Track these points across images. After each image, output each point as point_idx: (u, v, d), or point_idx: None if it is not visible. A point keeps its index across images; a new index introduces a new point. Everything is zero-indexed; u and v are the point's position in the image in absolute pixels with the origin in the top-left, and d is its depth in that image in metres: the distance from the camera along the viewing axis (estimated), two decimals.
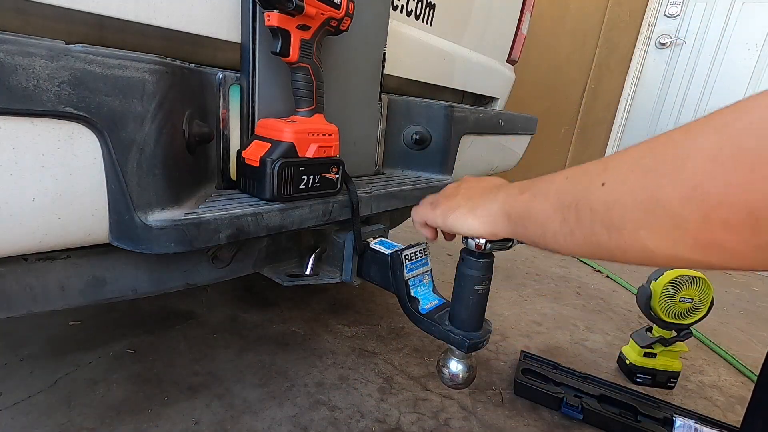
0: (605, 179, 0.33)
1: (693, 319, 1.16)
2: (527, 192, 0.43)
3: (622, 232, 0.32)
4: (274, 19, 0.53)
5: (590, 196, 0.35)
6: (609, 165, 0.34)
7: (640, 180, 0.30)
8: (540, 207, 0.40)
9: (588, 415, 1.04)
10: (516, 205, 0.44)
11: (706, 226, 0.26)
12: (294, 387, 1.06)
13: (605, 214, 0.33)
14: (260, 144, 0.58)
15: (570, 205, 0.36)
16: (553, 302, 1.73)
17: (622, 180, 0.32)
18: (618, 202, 0.32)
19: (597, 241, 0.34)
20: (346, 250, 0.73)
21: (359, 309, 1.49)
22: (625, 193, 0.31)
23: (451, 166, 0.95)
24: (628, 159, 0.33)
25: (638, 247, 0.31)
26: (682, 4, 2.68)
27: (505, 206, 0.46)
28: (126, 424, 0.89)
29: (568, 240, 0.37)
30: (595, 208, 0.34)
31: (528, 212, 0.42)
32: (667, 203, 0.28)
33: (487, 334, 0.59)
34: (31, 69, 0.36)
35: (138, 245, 0.46)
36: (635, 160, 0.32)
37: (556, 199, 0.38)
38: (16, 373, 1.01)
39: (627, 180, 0.32)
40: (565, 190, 0.38)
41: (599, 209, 0.34)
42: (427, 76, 1.00)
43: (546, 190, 0.40)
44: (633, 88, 2.88)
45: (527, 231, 0.43)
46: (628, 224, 0.31)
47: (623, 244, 0.32)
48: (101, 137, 0.42)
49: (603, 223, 0.33)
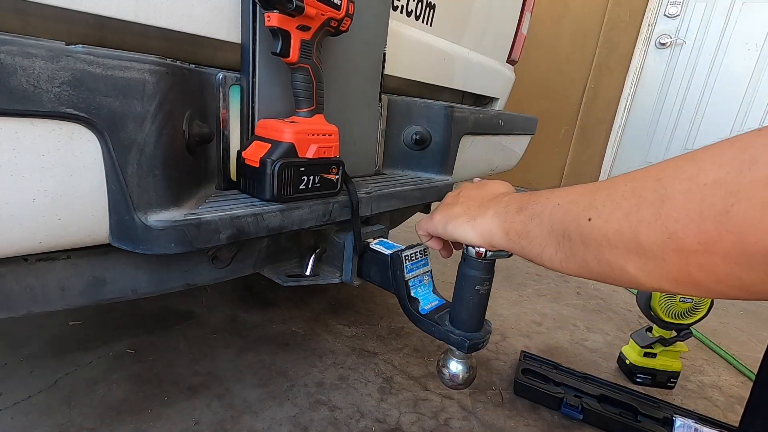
0: (591, 215, 0.35)
1: (693, 319, 1.16)
2: (524, 212, 0.44)
3: (611, 265, 0.34)
4: (274, 19, 0.53)
5: (580, 230, 0.36)
6: (595, 200, 0.36)
7: (623, 222, 0.32)
8: (536, 231, 0.42)
9: (588, 415, 1.04)
10: (514, 224, 0.45)
11: (683, 268, 0.29)
12: (294, 387, 1.06)
13: (595, 248, 0.35)
14: (260, 144, 0.58)
15: (563, 235, 0.38)
16: (553, 302, 1.73)
17: (606, 218, 0.34)
18: (605, 240, 0.34)
19: (590, 269, 0.37)
20: (346, 251, 0.73)
21: (359, 309, 1.49)
22: (610, 232, 0.33)
23: (451, 166, 0.95)
24: (612, 197, 0.34)
25: (628, 279, 0.34)
26: (682, 4, 2.68)
27: (504, 224, 0.47)
28: (126, 424, 0.89)
29: (563, 264, 0.39)
30: (585, 241, 0.36)
31: (525, 233, 0.43)
32: (648, 246, 0.31)
33: (487, 335, 0.59)
34: (32, 70, 0.36)
35: (138, 246, 0.46)
36: (618, 200, 0.34)
37: (550, 226, 0.40)
38: (16, 373, 1.01)
39: (611, 219, 0.34)
40: (556, 219, 0.40)
41: (589, 243, 0.36)
42: (427, 76, 1.00)
43: (541, 214, 0.42)
44: (633, 88, 2.88)
45: (524, 250, 0.44)
46: (615, 259, 0.34)
47: (614, 274, 0.35)
48: (101, 138, 0.42)
49: (594, 256, 0.36)
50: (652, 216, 0.30)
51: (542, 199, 0.43)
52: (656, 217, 0.30)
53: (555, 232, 0.39)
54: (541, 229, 0.41)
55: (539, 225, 0.42)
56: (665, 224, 0.29)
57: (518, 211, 0.45)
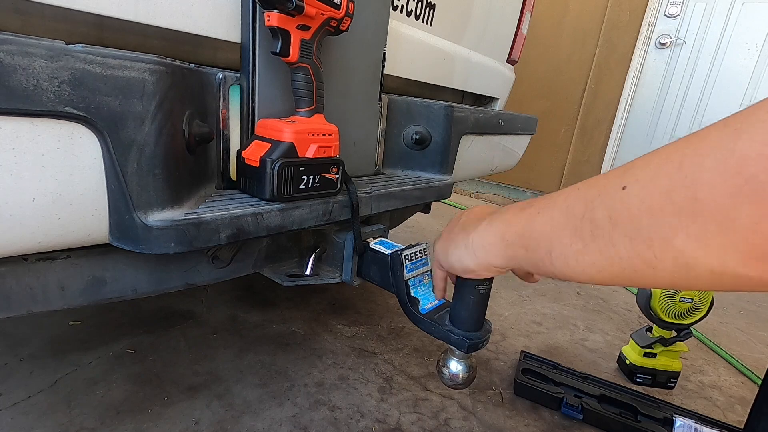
0: (626, 182, 0.28)
1: (693, 319, 1.16)
2: (529, 208, 0.38)
3: (651, 241, 0.26)
4: (274, 19, 0.53)
5: (609, 202, 0.29)
6: (632, 166, 0.29)
7: (674, 177, 0.25)
8: (544, 221, 0.35)
9: (588, 415, 1.04)
10: (514, 223, 0.39)
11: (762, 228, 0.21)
12: (294, 387, 1.06)
13: (629, 222, 0.28)
14: (260, 144, 0.58)
15: (583, 216, 0.31)
16: (553, 302, 1.73)
17: (649, 179, 0.27)
18: (645, 205, 0.27)
19: (617, 254, 0.29)
20: (346, 251, 0.73)
21: (359, 309, 1.49)
22: (654, 194, 0.26)
23: (451, 166, 0.95)
24: (656, 157, 0.28)
25: (672, 258, 0.26)
26: (682, 4, 2.68)
27: (501, 227, 0.40)
28: (126, 424, 0.89)
29: (579, 258, 0.32)
30: (615, 216, 0.29)
31: (529, 229, 0.37)
32: (711, 201, 0.23)
33: (487, 334, 0.59)
34: (31, 69, 0.36)
35: (138, 245, 0.46)
36: (665, 157, 0.27)
37: (565, 210, 0.33)
38: (16, 373, 1.01)
39: (656, 179, 0.26)
40: (576, 199, 0.32)
41: (621, 216, 0.28)
42: (427, 76, 1.00)
43: (551, 204, 0.35)
44: (633, 88, 2.88)
45: (527, 252, 0.37)
46: (659, 231, 0.26)
47: (652, 256, 0.27)
48: (101, 137, 0.42)
49: (626, 233, 0.28)
50: (719, 158, 0.23)
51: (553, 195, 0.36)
52: (726, 157, 0.22)
53: (571, 217, 0.32)
54: (552, 220, 0.34)
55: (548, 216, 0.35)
56: (740, 164, 0.22)
57: (521, 210, 0.39)
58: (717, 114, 2.66)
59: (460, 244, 0.46)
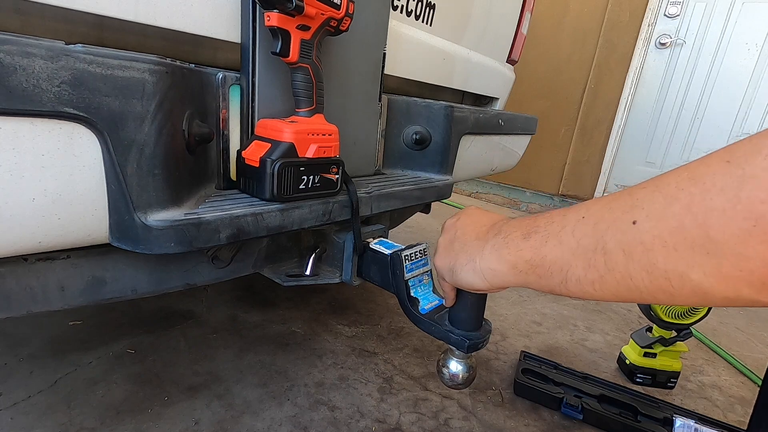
0: (636, 216, 0.29)
1: (693, 319, 1.16)
2: (533, 237, 0.38)
3: (668, 274, 0.28)
4: (274, 19, 0.53)
5: (620, 237, 0.30)
6: (637, 198, 0.30)
7: (685, 217, 0.26)
8: (555, 254, 0.35)
9: (588, 415, 1.04)
10: (522, 254, 0.38)
11: None
12: (294, 387, 1.06)
13: (644, 257, 0.29)
14: (260, 144, 0.58)
15: (595, 249, 0.32)
16: (553, 302, 1.73)
17: (659, 216, 0.28)
18: (659, 242, 0.28)
19: (635, 285, 0.30)
20: (346, 251, 0.73)
21: (359, 309, 1.49)
22: (666, 230, 0.27)
23: (451, 166, 0.95)
24: (662, 190, 0.28)
25: (690, 290, 0.27)
26: (682, 4, 2.68)
27: (508, 256, 0.40)
28: (126, 424, 0.89)
29: (597, 287, 0.32)
30: (629, 250, 0.29)
31: (540, 260, 0.37)
32: (724, 241, 0.24)
33: (487, 334, 0.59)
34: (31, 69, 0.36)
35: (138, 245, 0.46)
36: (673, 192, 0.28)
37: (575, 244, 0.33)
38: (16, 373, 1.01)
39: (666, 217, 0.27)
40: (584, 232, 0.33)
41: (635, 251, 0.29)
42: (427, 76, 1.00)
43: (558, 233, 0.35)
44: (633, 88, 2.88)
45: (541, 280, 0.37)
46: (675, 265, 0.27)
47: (670, 287, 0.28)
48: (101, 137, 0.42)
49: (642, 266, 0.29)
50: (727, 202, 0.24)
51: (556, 218, 0.36)
52: (734, 202, 0.24)
53: (582, 249, 0.33)
54: (562, 250, 0.34)
55: (558, 246, 0.35)
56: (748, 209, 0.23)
57: (525, 237, 0.39)
58: (717, 114, 2.66)
59: (466, 267, 0.45)
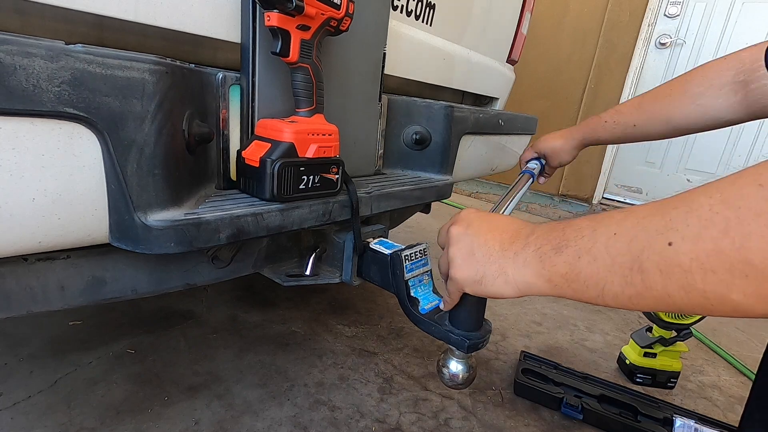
0: (671, 238, 0.30)
1: (693, 319, 1.16)
2: (566, 251, 0.38)
3: (707, 294, 0.28)
4: (274, 19, 0.53)
5: (656, 258, 0.31)
6: (671, 219, 0.30)
7: (721, 239, 0.27)
8: (590, 270, 0.36)
9: (588, 415, 1.04)
10: (556, 269, 0.39)
11: None
12: (294, 387, 1.06)
13: (682, 277, 0.29)
14: (260, 144, 0.58)
15: (631, 267, 0.32)
16: (553, 302, 1.73)
17: (694, 238, 0.28)
18: (696, 264, 0.28)
19: (674, 302, 0.31)
20: (346, 251, 0.73)
21: (359, 309, 1.49)
22: (704, 254, 0.28)
23: (451, 166, 0.95)
24: (696, 212, 0.29)
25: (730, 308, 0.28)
26: (682, 4, 2.68)
27: (543, 270, 0.40)
28: (126, 424, 0.89)
29: (635, 301, 0.33)
30: (666, 270, 0.30)
31: (575, 275, 0.37)
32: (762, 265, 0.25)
33: (487, 334, 0.59)
34: (31, 69, 0.36)
35: (138, 246, 0.46)
36: (707, 215, 0.28)
37: (610, 261, 0.34)
38: (16, 373, 1.01)
39: (701, 239, 0.28)
40: (618, 251, 0.33)
41: (673, 272, 0.30)
42: (427, 76, 1.00)
43: (590, 249, 0.36)
44: (633, 88, 2.88)
45: (576, 294, 0.38)
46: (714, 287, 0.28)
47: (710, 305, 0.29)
48: (101, 137, 0.42)
49: (680, 286, 0.29)
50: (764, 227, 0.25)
51: (585, 231, 0.37)
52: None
53: (618, 267, 0.33)
54: (596, 266, 0.35)
55: (592, 263, 0.35)
56: None
57: (557, 251, 0.39)
58: None
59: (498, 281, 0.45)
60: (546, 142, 1.09)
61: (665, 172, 2.89)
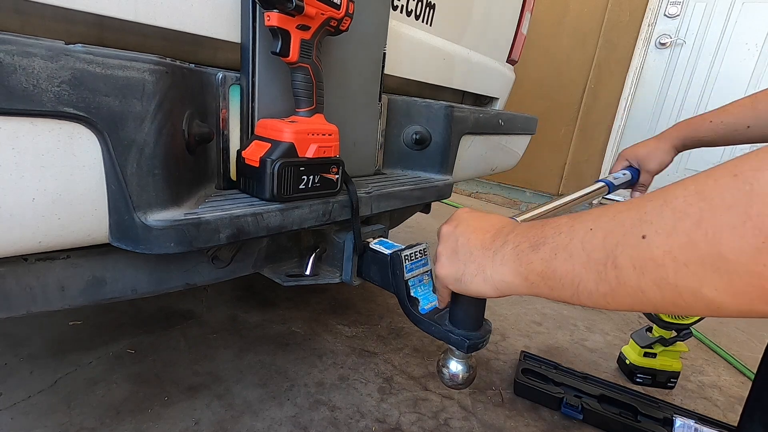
0: (645, 231, 0.29)
1: (693, 319, 1.16)
2: (543, 248, 0.37)
3: (679, 290, 0.28)
4: (274, 19, 0.53)
5: (630, 252, 0.30)
6: (645, 212, 0.30)
7: (694, 233, 0.26)
8: (566, 267, 0.35)
9: (588, 415, 1.04)
10: (533, 266, 0.38)
11: None
12: (294, 387, 1.06)
13: (655, 272, 0.28)
14: (260, 144, 0.58)
15: (605, 263, 0.32)
16: (553, 302, 1.73)
17: (668, 232, 0.28)
18: (669, 258, 0.28)
19: (648, 299, 0.30)
20: (346, 251, 0.73)
21: (359, 309, 1.49)
22: (677, 247, 0.27)
23: (451, 165, 0.95)
24: (670, 204, 0.28)
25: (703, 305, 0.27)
26: (682, 4, 2.68)
27: (519, 268, 0.40)
28: (126, 424, 0.89)
29: (609, 299, 0.32)
30: (640, 265, 0.29)
31: (551, 273, 0.36)
32: (734, 258, 0.24)
33: (487, 334, 0.59)
34: (31, 69, 0.36)
35: (138, 245, 0.46)
36: (681, 208, 0.28)
37: (585, 257, 0.33)
38: (16, 373, 1.01)
39: (675, 232, 0.27)
40: (593, 246, 0.33)
41: (646, 266, 0.29)
42: (427, 76, 1.00)
43: (567, 245, 0.35)
44: (633, 88, 2.88)
45: (552, 292, 0.37)
46: (686, 282, 0.27)
47: (683, 302, 0.28)
48: (101, 137, 0.42)
49: (653, 281, 0.29)
50: (736, 219, 0.24)
51: (563, 228, 0.36)
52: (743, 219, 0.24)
53: (593, 263, 0.33)
54: (572, 263, 0.34)
55: (568, 259, 0.35)
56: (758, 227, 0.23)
57: (534, 249, 0.38)
58: None
59: (476, 279, 0.45)
60: (636, 147, 1.00)
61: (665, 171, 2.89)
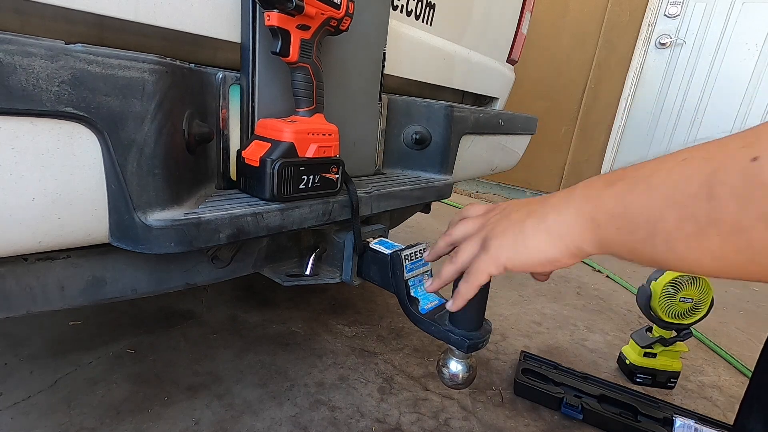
0: (758, 152, 0.23)
1: (693, 319, 1.16)
2: (618, 183, 0.32)
3: None
4: (274, 19, 0.53)
5: (734, 179, 0.24)
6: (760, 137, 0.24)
7: None
8: (642, 201, 0.29)
9: (588, 415, 1.04)
10: (602, 202, 0.32)
11: None
12: (294, 387, 1.06)
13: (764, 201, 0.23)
14: (260, 144, 0.58)
15: (696, 194, 0.26)
16: (553, 302, 1.73)
17: None
18: None
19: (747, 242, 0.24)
20: (346, 250, 0.73)
21: (359, 309, 1.49)
22: None
23: (451, 165, 0.95)
24: None
25: None
26: (682, 4, 2.68)
27: (586, 207, 0.33)
28: (126, 424, 0.89)
29: (690, 244, 0.26)
30: (745, 194, 0.23)
31: (623, 208, 0.30)
32: None
33: (487, 334, 0.59)
34: (31, 69, 0.36)
35: (138, 245, 0.46)
36: None
37: (671, 189, 0.28)
38: (16, 373, 1.01)
39: None
40: (683, 173, 0.27)
41: (753, 195, 0.23)
42: (427, 76, 1.00)
43: (648, 177, 0.29)
44: (633, 88, 2.88)
45: (623, 236, 0.31)
46: None
47: None
48: (101, 137, 0.42)
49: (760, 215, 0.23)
50: None
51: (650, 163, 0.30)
52: None
53: (680, 195, 0.27)
54: (651, 196, 0.28)
55: (646, 192, 0.29)
56: None
57: (608, 185, 0.32)
58: (717, 114, 2.67)
59: (538, 232, 0.37)
60: None
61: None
